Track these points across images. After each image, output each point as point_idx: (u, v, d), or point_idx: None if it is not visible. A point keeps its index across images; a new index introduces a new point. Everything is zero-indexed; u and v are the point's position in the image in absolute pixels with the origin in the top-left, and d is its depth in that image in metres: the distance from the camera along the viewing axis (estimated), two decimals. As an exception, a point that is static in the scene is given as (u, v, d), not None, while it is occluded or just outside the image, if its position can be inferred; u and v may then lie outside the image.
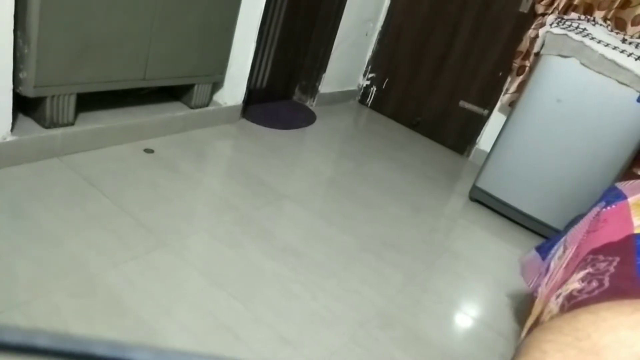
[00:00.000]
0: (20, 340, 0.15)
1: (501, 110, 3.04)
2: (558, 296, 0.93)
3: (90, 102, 1.97)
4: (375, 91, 3.60)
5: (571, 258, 1.22)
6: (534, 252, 1.63)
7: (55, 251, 1.36)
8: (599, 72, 2.10)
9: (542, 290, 1.31)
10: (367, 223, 2.08)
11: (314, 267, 1.68)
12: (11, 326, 0.15)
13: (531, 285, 1.52)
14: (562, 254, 1.38)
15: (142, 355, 0.16)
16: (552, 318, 0.85)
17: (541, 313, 0.97)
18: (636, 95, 2.05)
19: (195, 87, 2.29)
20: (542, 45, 2.27)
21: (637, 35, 2.41)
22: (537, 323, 0.92)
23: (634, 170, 2.42)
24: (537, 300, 1.30)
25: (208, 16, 2.14)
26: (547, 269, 1.43)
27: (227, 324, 1.33)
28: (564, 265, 1.25)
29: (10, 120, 1.61)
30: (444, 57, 3.25)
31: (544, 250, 1.59)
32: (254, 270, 1.57)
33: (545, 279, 1.36)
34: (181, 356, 0.17)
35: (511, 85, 2.87)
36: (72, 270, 1.32)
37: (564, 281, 1.03)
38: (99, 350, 0.16)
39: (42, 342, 0.15)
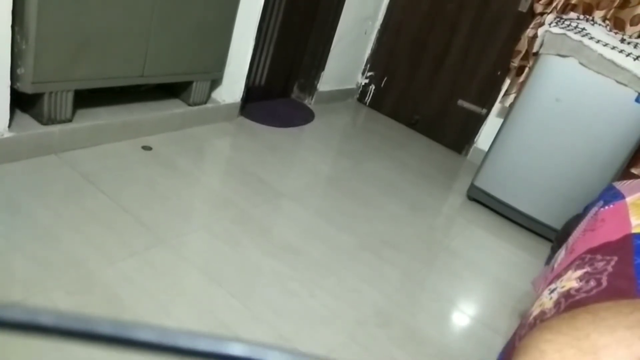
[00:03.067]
0: (24, 318, 0.15)
1: (499, 109, 3.05)
2: (552, 291, 0.93)
3: (88, 98, 1.96)
4: (374, 90, 3.60)
5: (566, 254, 1.22)
6: (543, 266, 1.65)
7: (53, 248, 1.36)
8: (598, 72, 2.10)
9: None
10: (365, 221, 2.08)
11: (313, 265, 1.68)
12: (15, 304, 0.15)
13: (539, 291, 1.52)
14: (564, 256, 1.38)
15: (145, 334, 0.16)
16: (543, 311, 0.85)
17: (531, 304, 0.98)
18: (634, 95, 2.06)
19: (194, 84, 2.28)
20: (541, 45, 2.27)
21: (635, 35, 2.42)
22: (527, 316, 0.92)
23: (632, 170, 2.43)
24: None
25: (207, 13, 2.14)
26: (552, 272, 1.44)
27: (225, 321, 1.33)
28: (558, 260, 1.25)
29: (8, 117, 1.60)
30: (443, 56, 3.25)
31: (549, 260, 1.60)
32: (252, 268, 1.57)
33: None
34: (184, 335, 0.17)
35: (510, 84, 2.87)
36: (69, 267, 1.32)
37: (558, 275, 1.03)
38: (103, 329, 0.15)
39: (46, 320, 0.15)
